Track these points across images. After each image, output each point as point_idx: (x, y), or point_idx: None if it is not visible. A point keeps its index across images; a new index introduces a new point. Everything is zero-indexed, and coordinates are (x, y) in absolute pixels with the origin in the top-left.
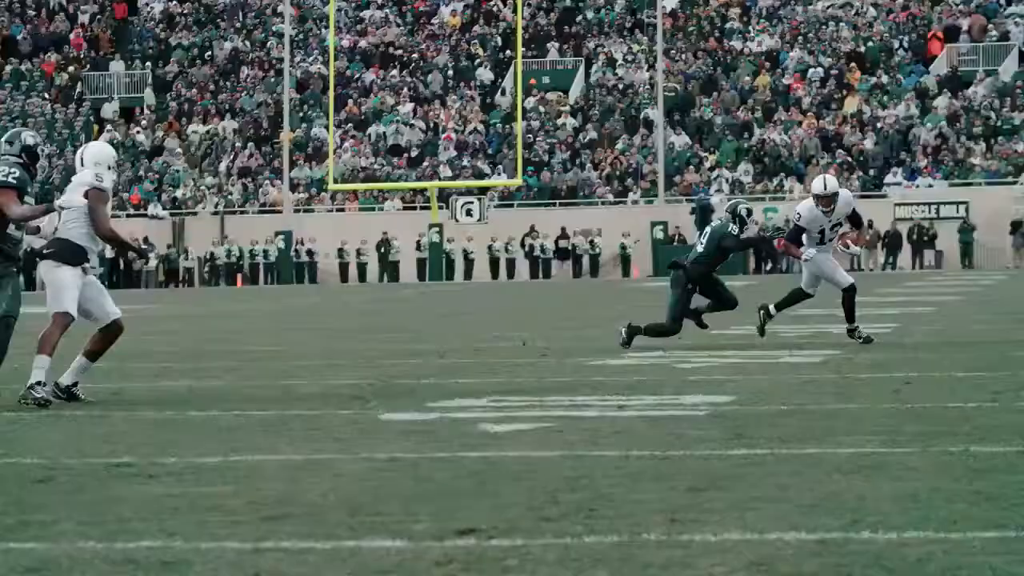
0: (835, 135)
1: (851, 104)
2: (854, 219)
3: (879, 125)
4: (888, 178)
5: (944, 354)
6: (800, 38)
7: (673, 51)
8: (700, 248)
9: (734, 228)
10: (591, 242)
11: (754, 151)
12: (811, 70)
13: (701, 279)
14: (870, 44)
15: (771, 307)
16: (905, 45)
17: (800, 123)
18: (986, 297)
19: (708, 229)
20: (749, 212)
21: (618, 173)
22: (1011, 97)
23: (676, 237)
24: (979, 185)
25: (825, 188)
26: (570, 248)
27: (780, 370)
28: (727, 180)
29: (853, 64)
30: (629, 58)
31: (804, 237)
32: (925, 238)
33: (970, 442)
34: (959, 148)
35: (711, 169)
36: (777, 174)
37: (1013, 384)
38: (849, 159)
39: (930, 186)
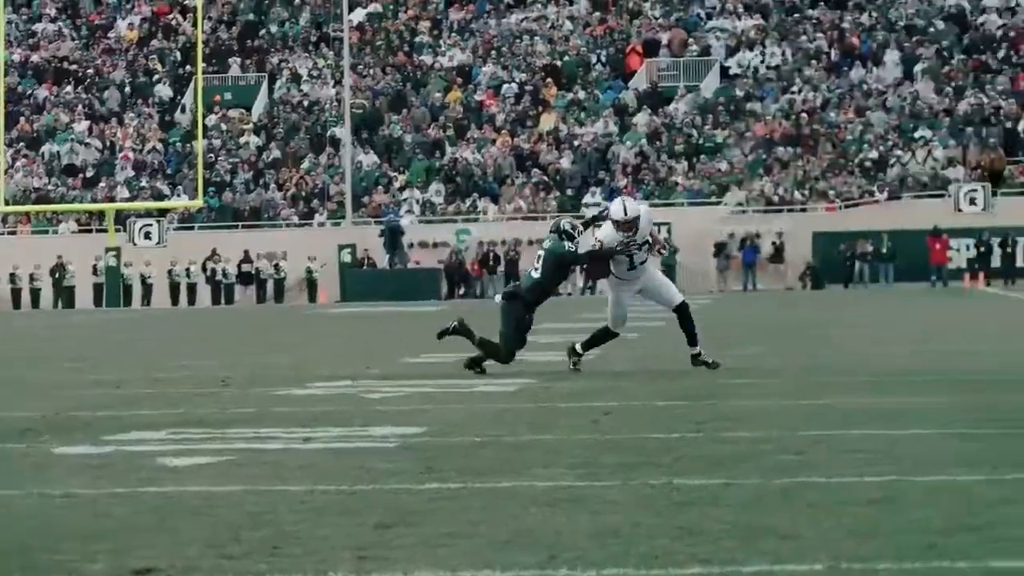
0: (531, 153)
1: (547, 121)
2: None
3: (576, 143)
4: (586, 198)
5: (646, 382)
6: (493, 52)
7: (360, 66)
8: (536, 274)
9: (570, 245)
10: (276, 266)
11: (446, 170)
12: (505, 86)
13: (540, 302)
14: (566, 59)
15: (578, 346)
16: (603, 60)
17: (494, 141)
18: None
19: (541, 253)
20: (574, 227)
21: (304, 194)
22: (713, 114)
23: (365, 260)
24: (681, 205)
25: (626, 214)
26: (254, 272)
27: (474, 400)
28: (418, 201)
29: (549, 79)
30: (315, 73)
31: (612, 265)
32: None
33: (672, 474)
34: (660, 167)
35: (401, 189)
36: (470, 194)
37: (717, 413)
38: (545, 178)
39: None
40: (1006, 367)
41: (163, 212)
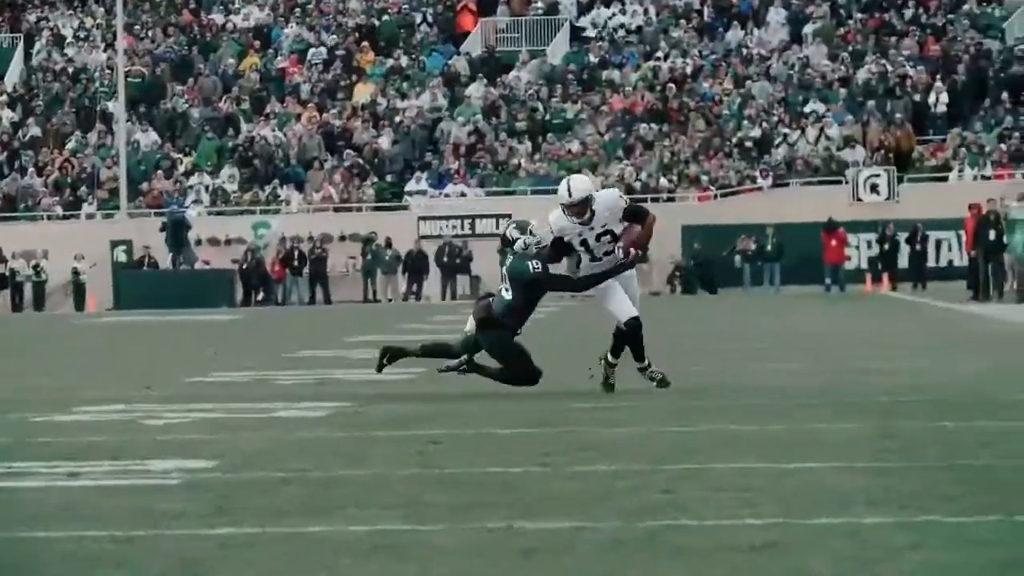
0: (342, 131)
1: (362, 93)
2: (631, 215)
3: (398, 119)
4: (410, 185)
5: (483, 405)
6: (297, 10)
7: (137, 26)
8: (508, 295)
9: (534, 264)
10: (35, 267)
11: (240, 152)
12: (312, 50)
13: (523, 323)
14: (385, 18)
15: (609, 356)
16: (429, 19)
17: (298, 117)
18: (537, 332)
19: (505, 272)
20: (523, 227)
21: (69, 180)
22: (562, 84)
23: (146, 260)
24: (524, 194)
25: (570, 195)
26: (8, 274)
27: (274, 427)
28: (207, 188)
29: (364, 43)
30: (81, 35)
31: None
32: (458, 260)
33: (514, 516)
34: (499, 147)
35: (186, 174)
36: (270, 180)
37: (570, 443)
38: (361, 161)
39: (463, 195)
40: (915, 387)
41: None
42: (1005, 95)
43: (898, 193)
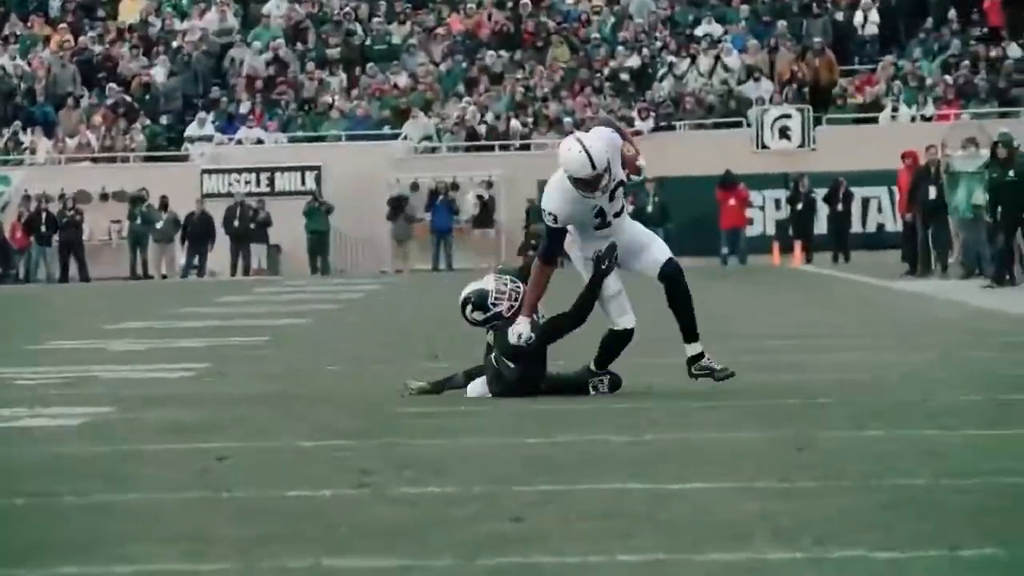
0: (104, 60)
1: (129, 11)
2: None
3: (175, 45)
4: (191, 129)
5: (283, 411)
6: None
7: None
8: (515, 366)
9: (525, 338)
10: None
11: None
12: None
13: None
14: None
15: (591, 365)
16: None
17: (46, 40)
18: (347, 319)
19: (494, 358)
20: (482, 307)
21: None
22: (387, 1)
23: None
24: (337, 140)
25: (594, 167)
26: None
27: (12, 441)
28: None
29: None
30: None
31: (575, 235)
32: (252, 225)
33: (324, 552)
34: (306, 81)
35: None
36: (9, 123)
37: (395, 459)
38: (127, 99)
39: (259, 142)
40: (834, 387)
41: None
42: (952, 13)
43: (815, 139)
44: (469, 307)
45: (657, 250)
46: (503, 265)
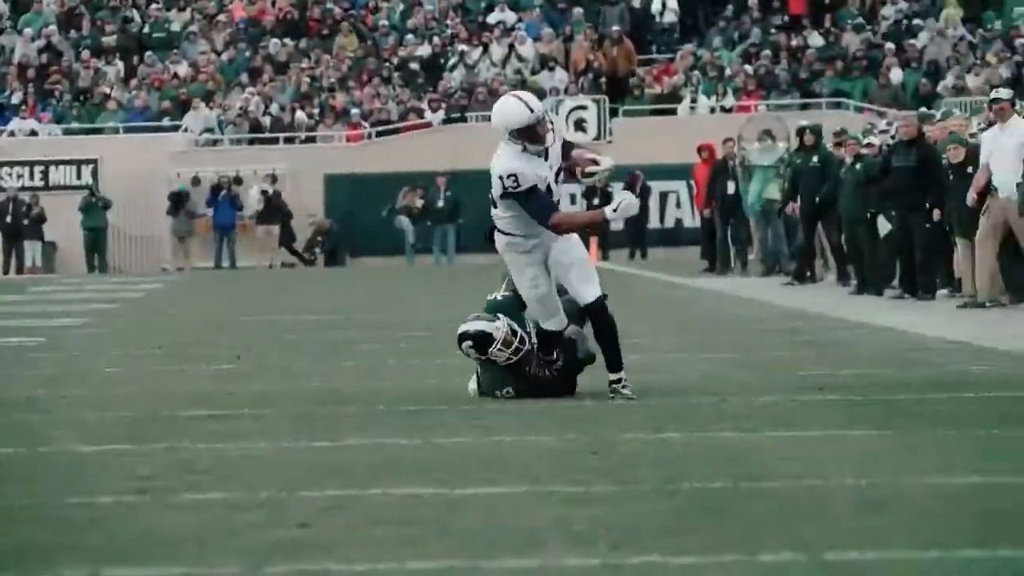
0: None
1: None
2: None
3: None
4: None
5: (58, 413)
6: None
7: None
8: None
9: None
10: None
11: None
12: None
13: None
14: None
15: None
16: None
17: None
18: (126, 319)
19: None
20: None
21: None
22: None
23: None
24: (115, 132)
25: (531, 109)
26: None
27: None
28: None
29: None
30: None
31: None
32: (25, 221)
33: (101, 561)
34: (81, 71)
35: None
36: None
37: (172, 465)
38: None
39: (32, 134)
40: (630, 388)
41: None
42: (753, 1)
43: (611, 131)
44: (468, 342)
45: (591, 287)
46: (493, 297)
